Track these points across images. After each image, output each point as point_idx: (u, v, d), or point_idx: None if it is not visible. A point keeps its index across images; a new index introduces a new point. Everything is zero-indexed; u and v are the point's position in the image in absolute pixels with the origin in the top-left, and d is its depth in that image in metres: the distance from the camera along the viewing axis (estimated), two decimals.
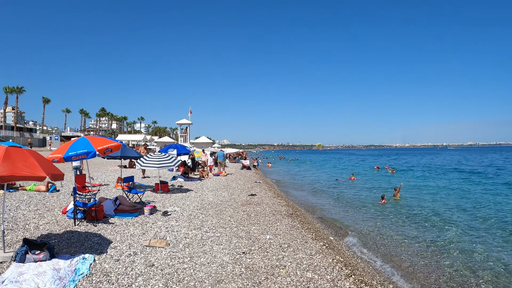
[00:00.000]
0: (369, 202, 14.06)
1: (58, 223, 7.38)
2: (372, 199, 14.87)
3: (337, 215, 11.43)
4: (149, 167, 11.63)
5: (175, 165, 11.81)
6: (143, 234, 6.53)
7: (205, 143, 44.29)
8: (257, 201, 10.98)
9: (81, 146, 7.24)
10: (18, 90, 75.71)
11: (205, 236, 6.46)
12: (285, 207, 10.49)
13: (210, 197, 11.37)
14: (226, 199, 11.18)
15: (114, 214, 8.28)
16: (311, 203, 13.80)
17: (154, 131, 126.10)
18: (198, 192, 12.56)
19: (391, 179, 24.71)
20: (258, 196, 12.13)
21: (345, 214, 11.67)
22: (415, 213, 11.74)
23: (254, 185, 16.01)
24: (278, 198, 12.32)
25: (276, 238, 6.62)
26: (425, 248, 7.73)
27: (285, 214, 9.27)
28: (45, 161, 5.23)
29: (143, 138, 72.43)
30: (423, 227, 9.76)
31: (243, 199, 11.24)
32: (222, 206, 9.73)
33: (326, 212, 11.97)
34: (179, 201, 10.45)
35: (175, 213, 8.59)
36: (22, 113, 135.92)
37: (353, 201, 14.34)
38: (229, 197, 11.67)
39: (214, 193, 12.40)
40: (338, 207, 13.11)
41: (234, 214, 8.69)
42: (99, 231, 6.79)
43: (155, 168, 11.54)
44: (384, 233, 9.06)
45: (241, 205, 10.06)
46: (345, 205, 13.52)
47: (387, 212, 11.93)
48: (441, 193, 17.02)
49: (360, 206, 13.13)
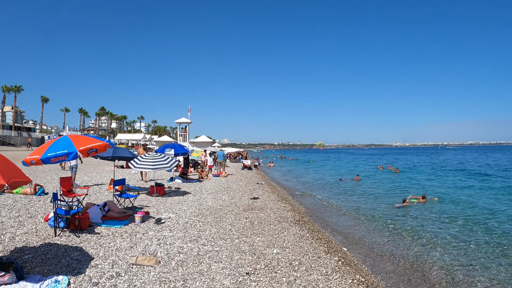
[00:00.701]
0: (379, 205, 13.20)
1: (38, 233, 6.53)
2: (381, 201, 14.01)
3: (347, 221, 10.57)
4: (143, 168, 10.75)
5: (171, 166, 10.93)
6: (130, 248, 5.65)
7: (205, 142, 43.43)
8: (260, 206, 10.11)
9: (61, 146, 6.36)
10: (16, 89, 74.79)
11: (202, 251, 5.59)
12: (290, 212, 9.62)
13: (209, 201, 10.49)
14: (226, 203, 10.31)
15: (102, 222, 7.41)
16: (317, 207, 12.93)
17: (154, 130, 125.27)
18: (196, 195, 11.69)
19: (395, 179, 23.84)
20: (261, 200, 11.25)
21: (355, 219, 10.80)
22: (436, 217, 10.88)
23: (256, 187, 15.14)
24: (282, 202, 11.45)
25: (285, 252, 5.74)
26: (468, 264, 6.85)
27: (291, 221, 8.39)
28: (9, 166, 4.36)
29: (143, 137, 71.55)
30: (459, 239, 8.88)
31: (245, 203, 10.37)
32: (222, 212, 8.85)
33: (334, 216, 11.09)
34: (175, 206, 9.57)
35: (170, 220, 7.71)
36: (22, 113, 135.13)
37: (362, 204, 13.48)
38: (230, 201, 10.79)
39: (213, 196, 11.53)
40: (347, 210, 12.24)
41: (236, 221, 7.81)
42: (81, 243, 5.93)
43: (150, 169, 10.66)
44: (398, 242, 8.19)
45: (243, 211, 9.19)
46: (354, 208, 12.66)
47: (402, 216, 11.07)
48: (453, 194, 16.15)
49: (370, 209, 12.27)
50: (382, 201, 14.16)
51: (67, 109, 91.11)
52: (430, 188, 18.57)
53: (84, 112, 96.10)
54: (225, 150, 43.54)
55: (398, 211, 12.06)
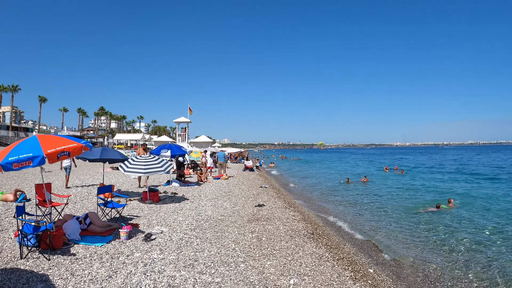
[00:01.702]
0: (396, 208, 12.00)
1: (1, 254, 5.36)
2: (398, 204, 12.81)
3: (367, 228, 9.36)
4: (134, 172, 9.55)
5: (166, 170, 9.73)
6: (108, 278, 4.45)
7: (205, 143, 42.22)
8: (266, 215, 8.90)
9: (26, 149, 5.16)
10: (13, 89, 73.59)
11: (199, 283, 4.38)
12: (302, 222, 8.41)
13: (209, 210, 9.28)
14: (228, 212, 9.10)
15: (80, 238, 6.21)
16: (329, 213, 11.73)
17: (154, 130, 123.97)
18: (195, 202, 10.48)
19: (403, 180, 22.63)
20: (267, 207, 10.04)
21: (374, 227, 9.59)
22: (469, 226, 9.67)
23: (259, 191, 13.93)
24: (291, 209, 10.24)
25: (304, 282, 4.54)
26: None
27: (304, 234, 7.19)
28: None
29: (142, 137, 70.21)
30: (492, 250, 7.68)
31: (249, 212, 9.16)
32: (224, 224, 7.64)
33: (350, 224, 9.88)
34: (169, 216, 8.36)
35: (162, 236, 6.50)
36: (22, 113, 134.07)
37: (378, 208, 12.28)
38: (232, 209, 9.58)
39: (213, 203, 10.32)
40: (362, 216, 11.04)
41: (240, 237, 6.60)
42: (50, 269, 4.74)
43: (142, 174, 9.45)
44: (424, 256, 7.00)
45: (248, 222, 7.98)
46: (369, 213, 11.46)
47: (419, 222, 9.88)
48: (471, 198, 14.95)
49: (386, 215, 11.08)
50: (404, 204, 12.96)
51: (65, 109, 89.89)
52: (448, 191, 17.37)
53: (83, 112, 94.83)
54: (226, 151, 42.36)
55: (430, 217, 10.86)
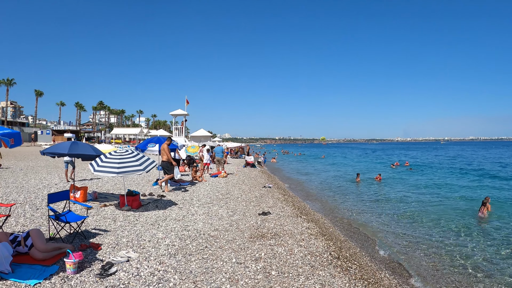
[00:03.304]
0: (426, 213, 9.96)
1: None
2: (426, 207, 10.79)
3: (400, 244, 7.34)
4: (105, 172, 7.50)
5: (147, 169, 7.69)
6: None
7: (204, 137, 40.14)
8: (274, 228, 6.87)
9: None
10: (8, 83, 71.31)
11: None
12: (320, 239, 6.39)
13: (200, 221, 7.24)
14: (224, 224, 7.06)
15: (11, 270, 4.25)
16: (350, 221, 9.70)
17: (154, 125, 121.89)
18: (183, 208, 8.45)
19: (417, 178, 20.58)
20: (274, 216, 8.01)
21: (413, 244, 7.56)
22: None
23: (263, 192, 11.90)
24: (303, 218, 8.20)
25: None
26: None
27: (329, 261, 5.16)
28: None
29: (139, 131, 68.19)
30: None
31: (252, 224, 7.13)
32: (217, 245, 5.61)
33: (377, 237, 7.85)
34: (146, 230, 6.34)
35: (127, 267, 4.49)
36: (21, 108, 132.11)
37: (405, 214, 10.24)
38: (229, 218, 7.55)
39: (206, 210, 8.29)
40: (388, 226, 9.00)
41: (239, 270, 4.55)
42: None
43: (114, 174, 7.41)
44: None
45: (250, 240, 5.95)
46: (396, 222, 9.42)
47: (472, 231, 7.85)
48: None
49: (419, 224, 9.04)
50: (433, 208, 10.93)
51: (62, 103, 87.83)
52: (467, 189, 15.34)
53: (80, 106, 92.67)
54: (225, 145, 40.31)
55: (481, 228, 8.83)
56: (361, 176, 19.92)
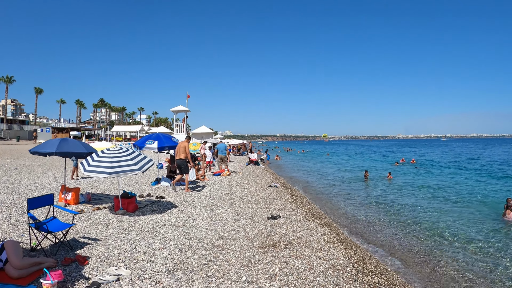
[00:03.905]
0: (446, 214, 9.17)
1: None
2: (445, 207, 10.00)
3: (422, 258, 6.55)
4: (95, 172, 6.73)
5: (143, 168, 6.92)
6: None
7: (206, 134, 39.35)
8: (286, 235, 6.11)
9: None
10: (7, 80, 70.48)
11: None
12: (339, 247, 5.62)
13: (202, 226, 6.47)
14: (230, 230, 6.30)
15: None
16: (364, 224, 8.92)
17: (155, 122, 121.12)
18: (184, 212, 7.69)
19: (425, 176, 19.79)
20: (284, 220, 7.24)
21: (438, 258, 6.78)
22: None
23: (269, 192, 11.14)
24: (316, 222, 7.43)
25: None
26: None
27: (353, 276, 4.39)
28: None
29: (140, 129, 67.41)
30: None
31: (261, 230, 6.36)
32: (223, 258, 4.84)
33: (401, 246, 7.07)
34: (142, 239, 5.58)
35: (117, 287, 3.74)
36: (22, 106, 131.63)
37: (420, 219, 9.44)
38: (235, 223, 6.78)
39: (209, 214, 7.53)
40: (408, 238, 8.21)
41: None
42: None
43: (106, 175, 6.64)
44: None
45: (260, 251, 5.19)
46: (417, 233, 8.63)
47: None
48: None
49: (442, 226, 8.24)
50: (457, 209, 10.14)
51: (62, 101, 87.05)
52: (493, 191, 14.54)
53: (81, 103, 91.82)
54: (227, 142, 39.55)
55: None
56: (369, 175, 19.10)
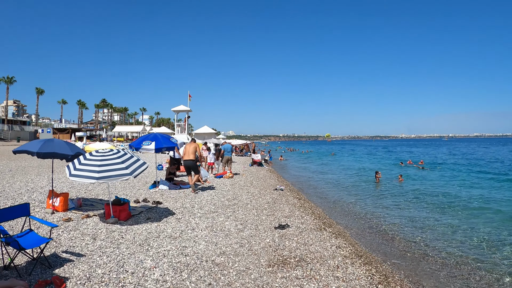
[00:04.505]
0: (478, 226, 8.34)
1: None
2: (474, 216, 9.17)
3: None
4: (81, 177, 5.99)
5: (134, 173, 6.17)
6: None
7: (208, 134, 38.65)
8: (296, 249, 5.33)
9: None
10: (8, 80, 70.10)
11: None
12: (359, 265, 4.84)
13: (201, 239, 5.70)
14: (232, 243, 5.52)
15: None
16: (379, 231, 8.11)
17: (157, 123, 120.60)
18: (182, 220, 6.93)
19: (437, 178, 18.92)
20: (293, 230, 6.46)
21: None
22: None
23: (275, 196, 10.36)
24: (329, 232, 6.65)
25: None
26: None
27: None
28: None
29: (142, 129, 66.91)
30: None
31: (268, 243, 5.59)
32: (224, 282, 4.06)
33: (425, 257, 6.27)
34: (132, 255, 4.83)
35: None
36: (24, 106, 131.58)
37: (444, 221, 8.62)
38: (239, 234, 6.01)
39: (210, 223, 6.76)
40: (431, 238, 7.40)
41: None
42: None
43: (93, 180, 5.89)
44: None
45: (268, 270, 4.42)
46: (435, 230, 7.81)
47: None
48: None
49: (470, 235, 7.42)
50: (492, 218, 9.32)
51: (64, 101, 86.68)
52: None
53: (82, 104, 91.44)
54: (230, 143, 38.82)
55: None
56: (372, 176, 18.22)
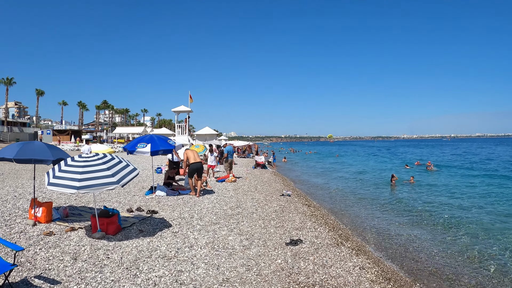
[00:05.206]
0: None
1: None
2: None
3: None
4: (61, 186, 5.12)
5: (121, 182, 5.30)
6: None
7: (209, 135, 37.81)
8: (314, 273, 4.44)
9: None
10: (8, 82, 69.48)
11: None
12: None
13: (201, 261, 4.80)
14: (237, 266, 4.63)
15: None
16: (401, 244, 7.20)
17: (159, 124, 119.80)
18: (179, 235, 6.03)
19: (450, 181, 17.98)
20: (308, 246, 5.56)
21: None
22: None
23: (282, 203, 9.46)
24: (348, 247, 5.76)
25: None
26: None
27: None
28: None
29: (143, 130, 66.08)
30: None
31: (279, 264, 4.69)
32: None
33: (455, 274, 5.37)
34: (116, 283, 3.95)
35: None
36: (25, 108, 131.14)
37: (467, 229, 7.70)
38: (244, 253, 5.12)
39: (211, 238, 5.87)
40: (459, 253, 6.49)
41: None
42: None
43: (74, 190, 5.02)
44: None
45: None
46: (458, 241, 6.90)
47: None
48: None
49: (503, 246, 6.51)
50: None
51: (64, 103, 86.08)
52: None
53: (83, 105, 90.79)
54: (232, 144, 37.92)
55: None
56: (384, 177, 17.33)
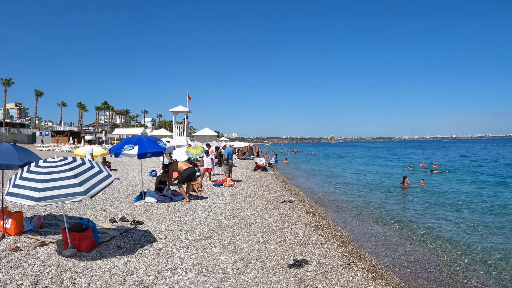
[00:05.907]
0: None
1: None
2: None
3: None
4: (19, 197, 4.25)
5: (90, 192, 4.44)
6: None
7: (209, 136, 36.98)
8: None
9: None
10: (6, 82, 68.75)
11: None
12: None
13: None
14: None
15: None
16: (429, 268, 6.30)
17: (159, 125, 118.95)
18: (163, 253, 5.13)
19: (456, 182, 17.08)
20: (315, 269, 4.66)
21: None
22: None
23: (284, 211, 8.57)
24: (362, 268, 4.87)
25: None
26: None
27: None
28: None
29: (142, 131, 65.28)
30: None
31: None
32: None
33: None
34: None
35: None
36: (26, 109, 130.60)
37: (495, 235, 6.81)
38: (238, 278, 4.20)
39: (199, 258, 4.98)
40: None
41: None
42: None
43: (33, 202, 4.15)
44: None
45: None
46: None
47: None
48: None
49: None
50: None
51: (64, 104, 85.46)
52: None
53: (82, 106, 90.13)
54: (233, 145, 37.07)
55: None
56: (389, 180, 16.40)
